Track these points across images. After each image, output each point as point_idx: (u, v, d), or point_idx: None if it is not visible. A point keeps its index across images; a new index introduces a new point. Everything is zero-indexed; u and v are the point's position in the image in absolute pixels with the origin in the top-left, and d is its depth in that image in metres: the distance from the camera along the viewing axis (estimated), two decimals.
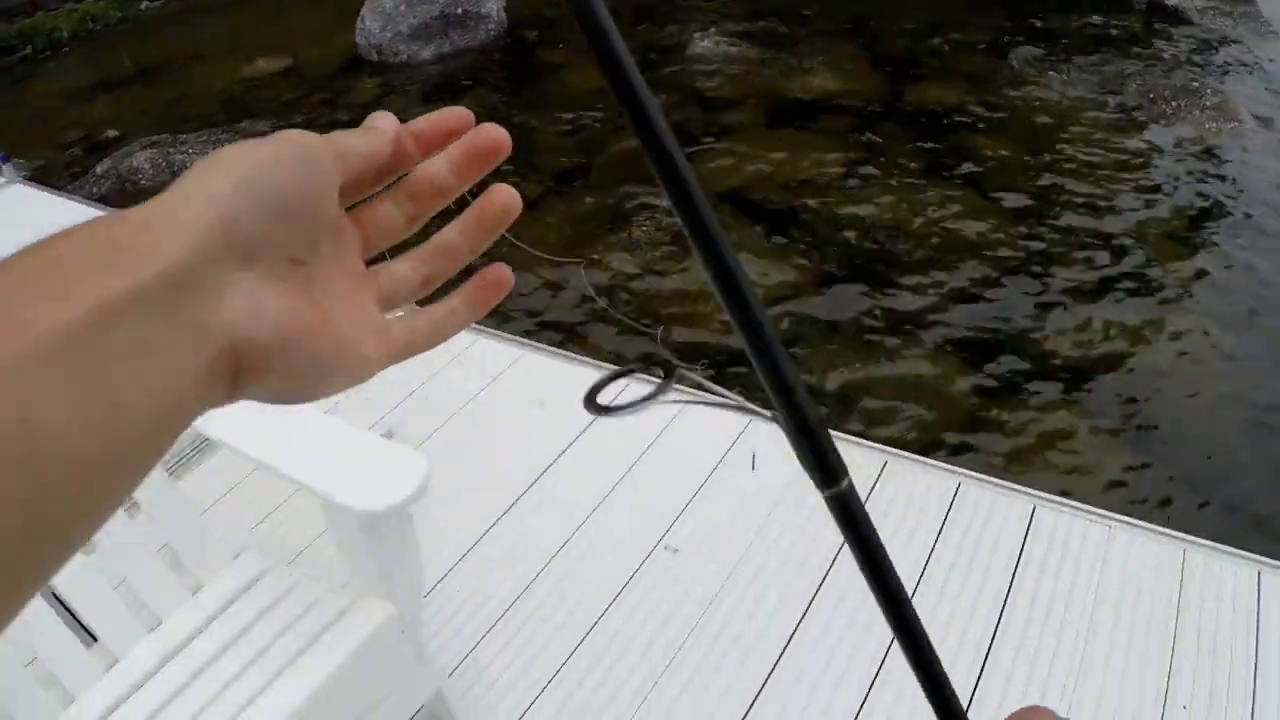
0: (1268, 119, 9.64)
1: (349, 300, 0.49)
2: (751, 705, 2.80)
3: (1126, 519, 3.38)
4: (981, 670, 2.83)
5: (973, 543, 3.23)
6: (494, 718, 2.81)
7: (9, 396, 0.34)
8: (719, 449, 3.63)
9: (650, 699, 2.79)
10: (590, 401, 0.56)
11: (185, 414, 0.41)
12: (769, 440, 3.60)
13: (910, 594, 2.94)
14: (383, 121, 0.54)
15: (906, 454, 3.65)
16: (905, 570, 3.12)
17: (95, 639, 2.13)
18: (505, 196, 0.57)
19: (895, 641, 0.57)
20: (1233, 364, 5.43)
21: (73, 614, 2.12)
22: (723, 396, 0.59)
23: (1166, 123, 9.21)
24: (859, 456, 3.58)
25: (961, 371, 5.23)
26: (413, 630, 2.25)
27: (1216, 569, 3.10)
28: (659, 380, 0.57)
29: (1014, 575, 3.12)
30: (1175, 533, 3.31)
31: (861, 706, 2.77)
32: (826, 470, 0.54)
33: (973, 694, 2.78)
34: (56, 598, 2.13)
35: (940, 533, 3.27)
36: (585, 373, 4.07)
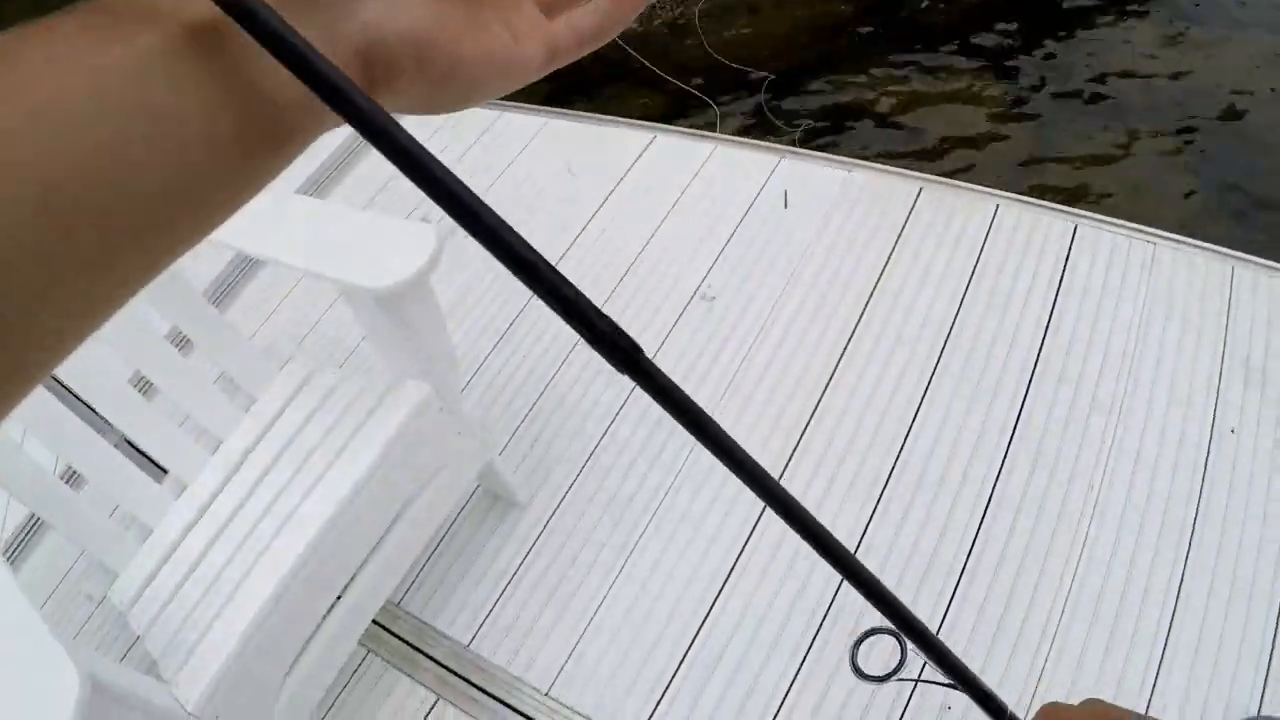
0: None
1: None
2: (798, 441, 2.86)
3: (1172, 236, 3.29)
4: (1025, 395, 2.84)
5: (1014, 265, 3.19)
6: (548, 486, 2.89)
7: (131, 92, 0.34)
8: (752, 189, 3.57)
9: (695, 450, 2.84)
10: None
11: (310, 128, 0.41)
12: (800, 179, 3.54)
13: (951, 321, 2.97)
14: None
15: (943, 179, 3.55)
16: (944, 296, 3.10)
17: (166, 473, 2.22)
18: None
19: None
20: None
21: (145, 456, 2.21)
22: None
23: None
24: (893, 184, 3.50)
25: (1002, 85, 5.03)
26: (452, 404, 2.27)
27: (1266, 286, 3.03)
28: None
29: (1056, 298, 3.08)
30: (1223, 249, 3.22)
31: (908, 432, 2.82)
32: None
33: (1019, 414, 2.80)
34: (130, 444, 2.22)
35: (980, 256, 3.22)
36: (609, 132, 3.98)
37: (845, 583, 0.60)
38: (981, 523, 2.62)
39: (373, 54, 0.40)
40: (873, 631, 0.74)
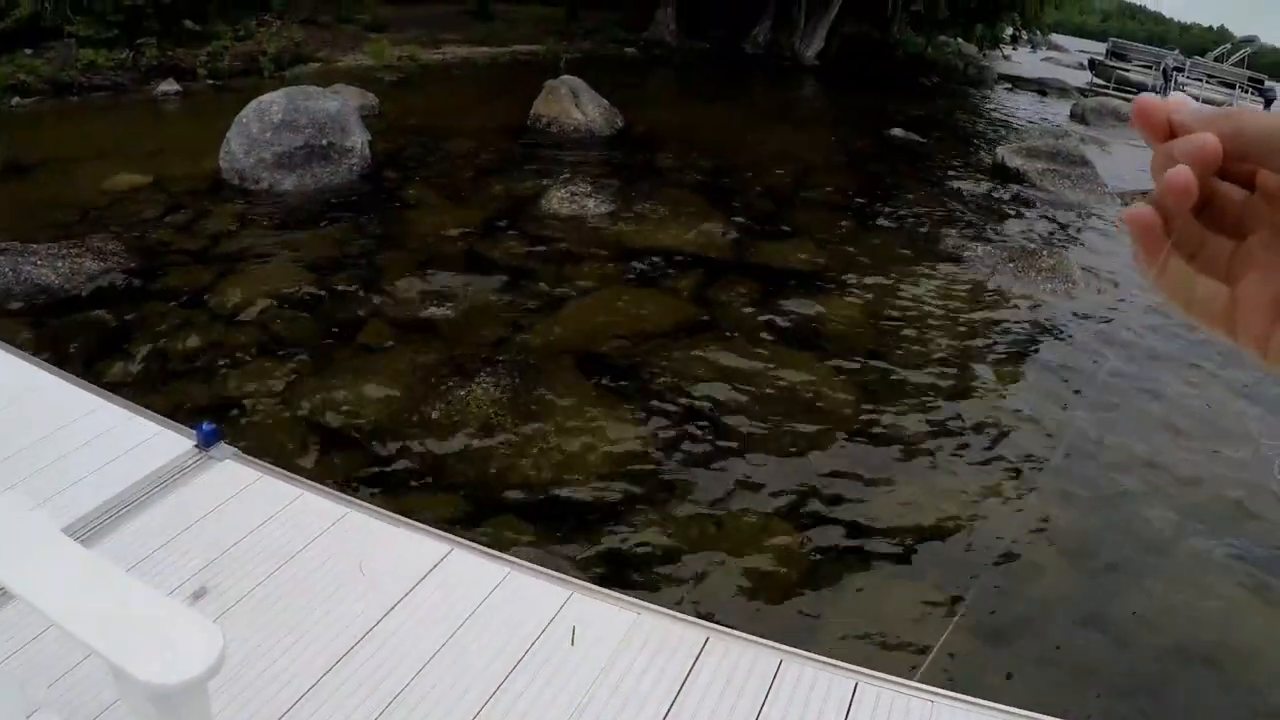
0: (1099, 278, 10.21)
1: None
2: None
3: (951, 694, 3.37)
4: None
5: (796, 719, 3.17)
6: None
7: None
8: (540, 621, 3.52)
9: None
10: None
11: None
12: (589, 616, 3.52)
13: None
14: None
15: (728, 630, 3.59)
16: None
17: None
18: None
19: None
20: (1064, 532, 5.58)
21: None
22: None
23: (1004, 282, 9.66)
24: (680, 632, 3.50)
25: (791, 536, 5.24)
26: None
27: None
28: None
29: None
30: (1002, 706, 3.31)
31: None
32: None
33: None
34: None
35: (762, 710, 3.20)
36: (407, 537, 3.95)
37: None
38: None
39: None
40: None
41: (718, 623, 3.67)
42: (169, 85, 15.80)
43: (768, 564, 5.00)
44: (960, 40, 34.48)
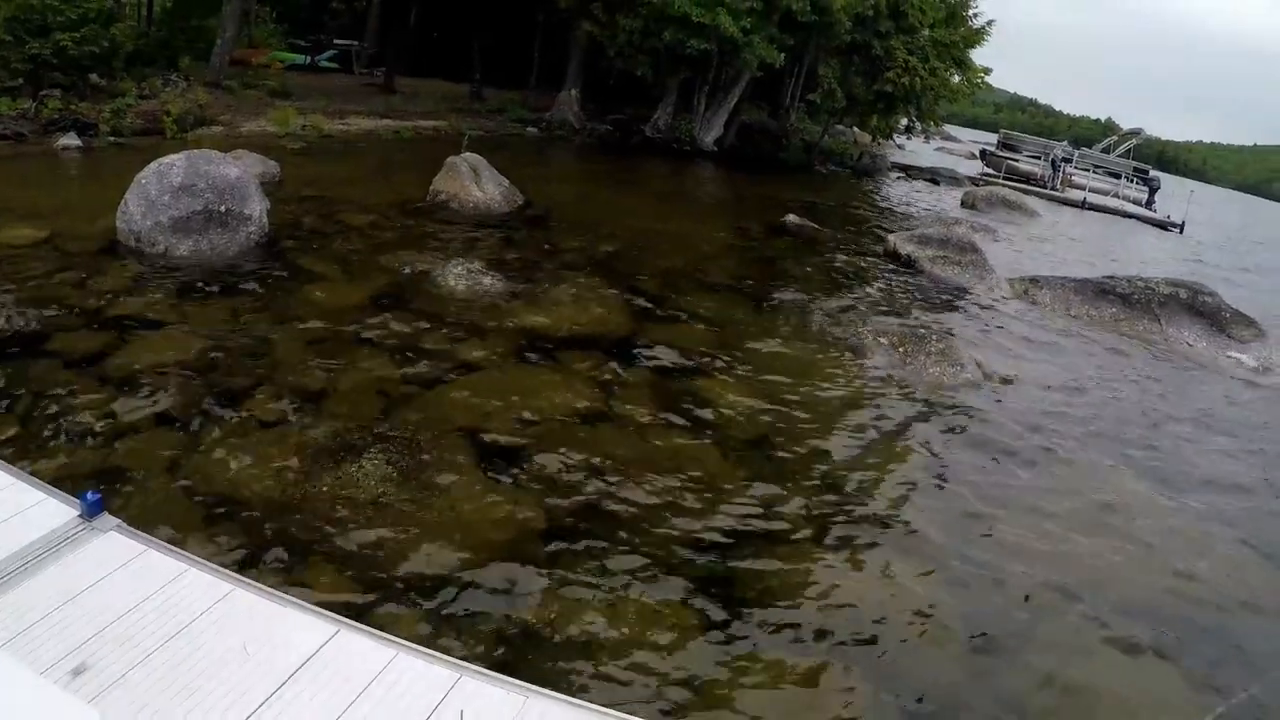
0: (985, 362, 10.64)
1: None
2: None
3: None
4: None
5: None
6: None
7: None
8: (428, 705, 3.55)
9: None
10: None
11: None
12: (478, 700, 3.57)
13: None
14: None
15: (625, 716, 3.64)
16: None
17: None
18: None
19: None
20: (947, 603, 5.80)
21: None
22: None
23: (894, 367, 10.00)
24: (573, 717, 3.55)
25: (683, 617, 5.36)
26: None
27: None
28: None
29: None
30: None
31: None
32: None
33: None
34: None
35: None
36: (293, 617, 3.95)
37: None
38: None
39: None
40: None
41: (613, 707, 3.73)
42: (70, 139, 15.60)
43: (660, 647, 5.10)
44: (856, 129, 35.65)
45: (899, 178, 31.65)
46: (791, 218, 17.68)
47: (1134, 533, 7.30)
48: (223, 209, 10.77)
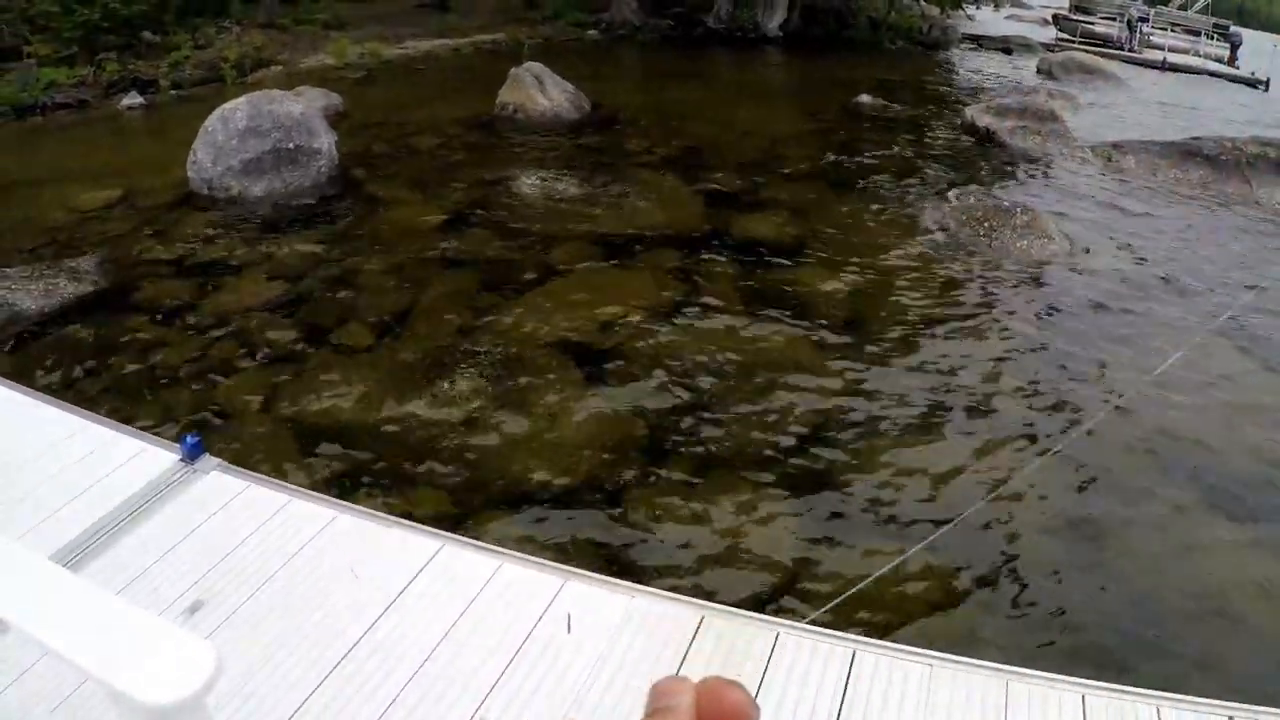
0: (1072, 233, 10.23)
1: None
2: None
3: (947, 656, 3.40)
4: None
5: (795, 691, 3.19)
6: None
7: None
8: (535, 611, 3.53)
9: None
10: None
11: None
12: (584, 603, 3.54)
13: None
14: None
15: (723, 608, 3.61)
16: None
17: None
18: None
19: None
20: (1044, 496, 5.60)
21: None
22: None
23: (980, 243, 9.68)
24: (675, 612, 3.52)
25: (782, 513, 5.26)
26: None
27: (1040, 696, 3.13)
28: None
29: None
30: (997, 665, 3.35)
31: None
32: None
33: None
34: None
35: (761, 685, 3.22)
36: (397, 536, 3.95)
37: None
38: None
39: None
40: None
41: (714, 600, 3.69)
42: (132, 99, 15.64)
43: (759, 540, 5.01)
44: (923, 1, 34.46)
45: (971, 49, 30.44)
46: (864, 98, 17.09)
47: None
48: (291, 146, 10.75)
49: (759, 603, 4.41)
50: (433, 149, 12.75)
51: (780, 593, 4.62)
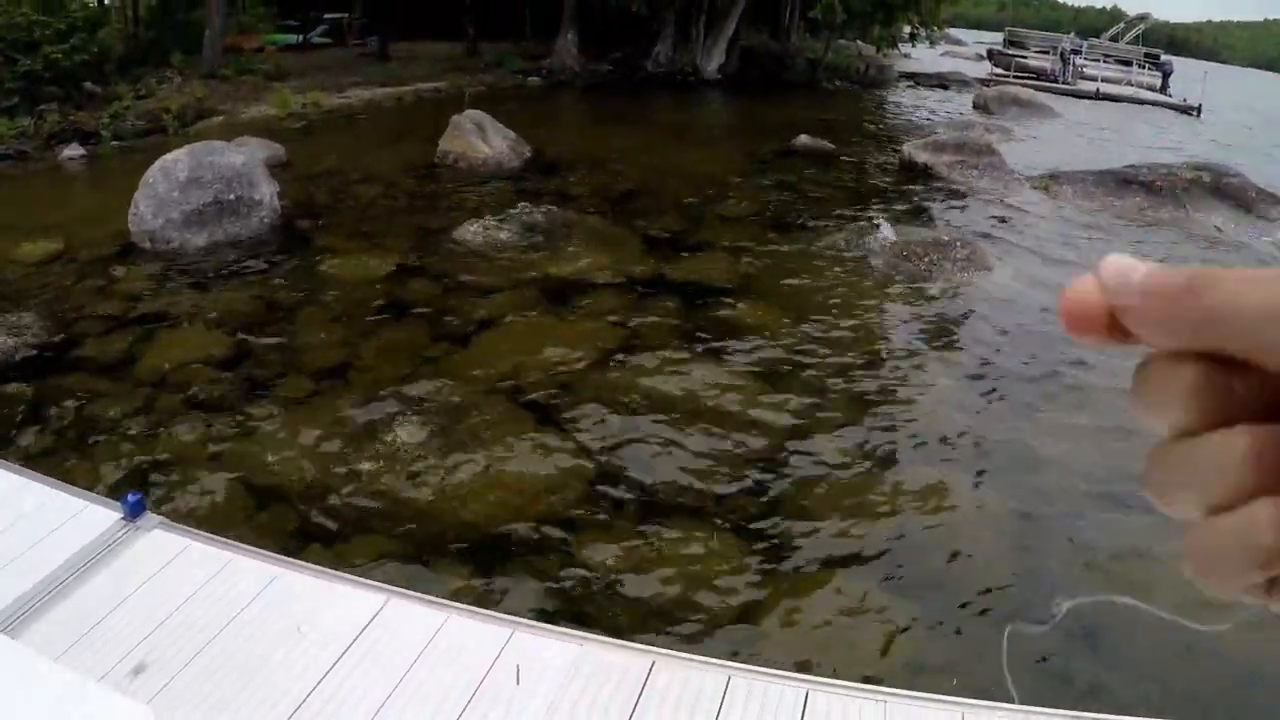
0: (1013, 265, 10.42)
1: None
2: None
3: (901, 692, 3.42)
4: None
5: None
6: None
7: None
8: (484, 662, 3.51)
9: None
10: None
11: None
12: (532, 653, 3.52)
13: None
14: None
15: (674, 653, 3.61)
16: None
17: None
18: None
19: None
20: (988, 517, 5.68)
21: None
22: None
23: (921, 276, 9.81)
24: (625, 660, 3.52)
25: (731, 550, 5.28)
26: None
27: None
28: None
29: None
30: (953, 698, 3.38)
31: None
32: None
33: None
34: None
35: None
36: (342, 592, 3.91)
37: None
38: None
39: None
40: None
41: (664, 646, 3.69)
42: (74, 150, 15.48)
43: (710, 582, 5.02)
44: (859, 42, 35.03)
45: (908, 87, 31.04)
46: (803, 138, 17.33)
47: None
48: (232, 197, 10.69)
49: (711, 645, 4.42)
50: (375, 198, 12.75)
51: (731, 632, 4.63)
